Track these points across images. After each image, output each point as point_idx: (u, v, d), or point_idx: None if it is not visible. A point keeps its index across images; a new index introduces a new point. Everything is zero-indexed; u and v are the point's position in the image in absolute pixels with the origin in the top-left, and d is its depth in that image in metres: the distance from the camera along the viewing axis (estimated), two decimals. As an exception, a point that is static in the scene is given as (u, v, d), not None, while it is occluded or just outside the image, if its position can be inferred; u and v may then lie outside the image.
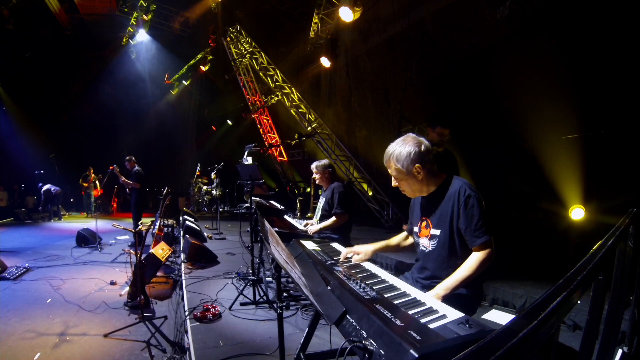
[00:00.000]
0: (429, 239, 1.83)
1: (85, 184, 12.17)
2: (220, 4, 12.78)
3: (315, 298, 1.36)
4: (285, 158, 14.52)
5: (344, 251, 2.00)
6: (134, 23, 12.52)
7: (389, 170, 1.84)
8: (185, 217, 7.24)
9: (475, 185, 1.79)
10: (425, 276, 1.85)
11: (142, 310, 3.36)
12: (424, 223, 1.88)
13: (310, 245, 2.13)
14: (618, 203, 4.45)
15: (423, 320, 1.12)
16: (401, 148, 1.75)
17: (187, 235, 5.85)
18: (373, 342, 1.01)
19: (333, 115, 12.52)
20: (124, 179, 7.01)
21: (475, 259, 1.64)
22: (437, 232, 1.79)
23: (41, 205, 11.45)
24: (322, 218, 3.70)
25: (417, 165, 1.73)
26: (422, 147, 1.74)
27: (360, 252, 1.96)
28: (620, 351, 1.55)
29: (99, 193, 12.08)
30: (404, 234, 2.20)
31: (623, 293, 1.39)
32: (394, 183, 1.88)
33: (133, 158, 7.33)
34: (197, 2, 13.27)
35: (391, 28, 9.69)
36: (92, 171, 12.14)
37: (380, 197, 9.41)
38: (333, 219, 3.50)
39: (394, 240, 2.20)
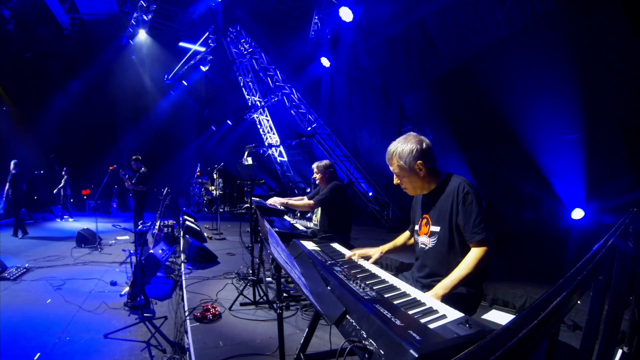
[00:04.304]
0: (429, 236, 1.85)
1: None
2: (221, 4, 12.79)
3: (315, 298, 1.36)
4: (285, 158, 14.51)
5: (355, 253, 1.99)
6: (134, 23, 12.51)
7: (391, 168, 1.87)
8: (185, 217, 7.23)
9: (475, 185, 1.81)
10: (425, 274, 1.86)
11: (142, 310, 3.36)
12: (424, 220, 1.90)
13: (310, 245, 2.13)
14: (618, 203, 4.46)
15: (423, 321, 1.12)
16: (404, 145, 1.79)
17: (187, 236, 5.85)
18: (373, 342, 1.01)
19: (333, 115, 12.51)
20: (128, 182, 7.00)
21: (473, 256, 1.65)
22: (436, 228, 1.81)
23: (65, 186, 10.44)
24: (323, 218, 3.70)
25: (419, 162, 1.77)
26: (424, 145, 1.79)
27: (371, 254, 1.97)
28: (620, 351, 1.55)
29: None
30: (408, 232, 2.21)
31: (623, 293, 1.39)
32: (395, 180, 1.91)
33: (140, 158, 7.29)
34: (197, 2, 13.26)
35: (391, 28, 9.70)
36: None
37: (381, 197, 9.40)
38: (305, 200, 3.50)
39: (401, 239, 2.22)
